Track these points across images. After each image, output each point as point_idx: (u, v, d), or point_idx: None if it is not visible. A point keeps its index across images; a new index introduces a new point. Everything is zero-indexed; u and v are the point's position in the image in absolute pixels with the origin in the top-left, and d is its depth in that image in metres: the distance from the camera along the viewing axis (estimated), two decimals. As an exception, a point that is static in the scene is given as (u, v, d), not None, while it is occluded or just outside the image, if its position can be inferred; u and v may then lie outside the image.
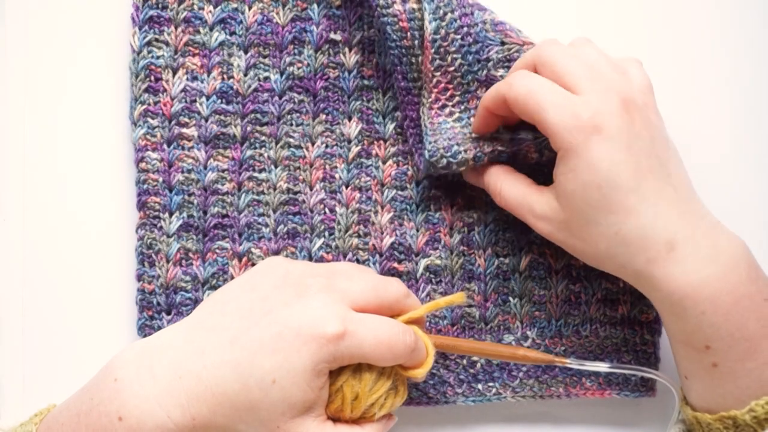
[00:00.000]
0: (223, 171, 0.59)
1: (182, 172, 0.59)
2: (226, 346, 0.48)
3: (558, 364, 0.56)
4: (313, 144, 0.59)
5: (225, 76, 0.59)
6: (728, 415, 0.49)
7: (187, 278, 0.59)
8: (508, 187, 0.54)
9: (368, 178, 0.59)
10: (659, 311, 0.52)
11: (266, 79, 0.59)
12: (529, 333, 0.59)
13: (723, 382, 0.49)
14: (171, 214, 0.59)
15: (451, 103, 0.56)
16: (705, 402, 0.51)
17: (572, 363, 0.56)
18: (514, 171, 0.55)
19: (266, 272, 0.52)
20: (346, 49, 0.59)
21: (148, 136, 0.59)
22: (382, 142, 0.60)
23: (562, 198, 0.50)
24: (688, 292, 0.48)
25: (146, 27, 0.58)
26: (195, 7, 0.59)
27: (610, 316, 0.59)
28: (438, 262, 0.59)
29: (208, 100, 0.59)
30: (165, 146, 0.59)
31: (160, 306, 0.58)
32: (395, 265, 0.59)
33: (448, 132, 0.55)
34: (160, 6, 0.58)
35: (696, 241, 0.49)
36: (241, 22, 0.59)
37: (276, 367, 0.47)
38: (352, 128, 0.59)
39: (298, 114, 0.59)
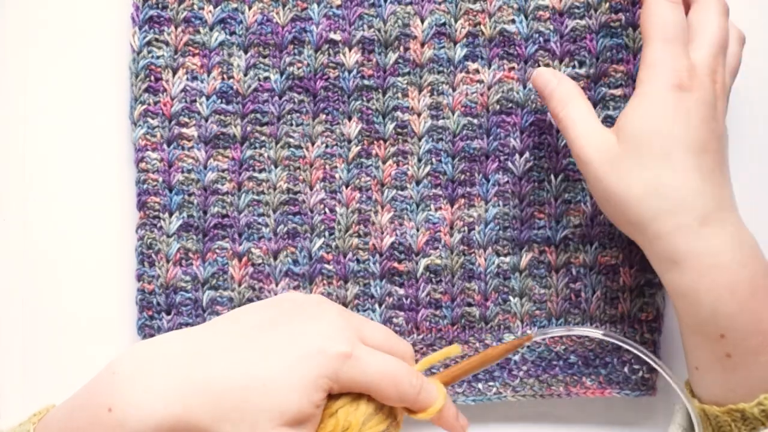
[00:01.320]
0: (223, 171, 0.59)
1: (182, 172, 0.59)
2: (231, 348, 0.48)
3: (526, 342, 0.56)
4: (313, 144, 0.59)
5: (225, 76, 0.59)
6: (737, 407, 0.49)
7: (187, 278, 0.59)
8: (573, 107, 0.54)
9: (368, 178, 0.60)
10: (673, 296, 0.51)
11: (266, 79, 0.59)
12: (529, 332, 0.59)
13: (735, 373, 0.49)
14: (171, 214, 0.59)
15: None
16: (714, 394, 0.51)
17: (537, 335, 0.56)
18: (584, 97, 0.55)
19: (283, 298, 0.52)
20: (346, 49, 0.59)
21: (148, 136, 0.59)
22: (382, 142, 0.60)
23: (624, 131, 0.51)
24: (706, 273, 0.49)
25: (146, 27, 0.58)
26: (195, 7, 0.59)
27: (610, 314, 0.59)
28: (438, 261, 0.59)
29: (208, 100, 0.59)
30: (165, 146, 0.59)
31: (159, 306, 0.58)
32: (395, 264, 0.59)
33: None
34: (160, 6, 0.58)
35: (725, 225, 0.50)
36: (241, 22, 0.59)
37: (277, 371, 0.47)
38: (352, 128, 0.60)
39: (298, 114, 0.59)
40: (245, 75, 0.59)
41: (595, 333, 0.56)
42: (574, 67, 0.59)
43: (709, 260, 0.49)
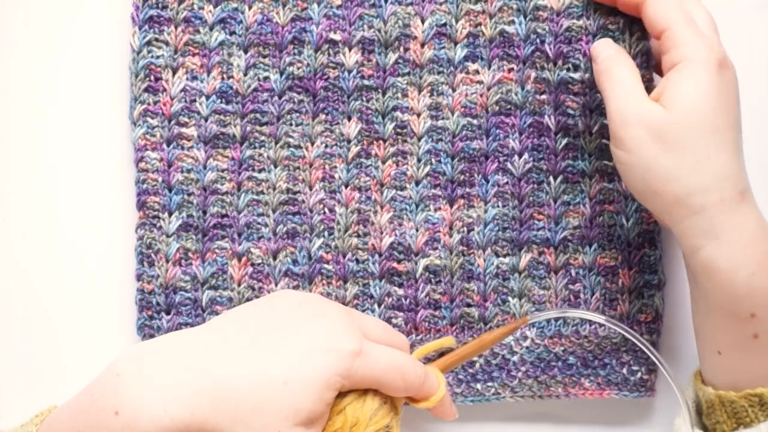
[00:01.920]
0: (223, 171, 0.59)
1: (182, 171, 0.59)
2: (239, 349, 0.48)
3: (521, 325, 0.57)
4: (312, 144, 0.59)
5: (225, 76, 0.59)
6: (754, 392, 0.50)
7: (187, 278, 0.59)
8: (625, 69, 0.53)
9: (368, 178, 0.60)
10: (706, 275, 0.50)
11: (266, 78, 0.59)
12: (528, 333, 0.59)
13: (760, 355, 0.50)
14: (170, 214, 0.59)
15: None
16: (733, 379, 0.51)
17: (533, 318, 0.57)
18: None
19: (283, 297, 0.52)
20: (346, 49, 0.59)
21: (148, 136, 0.59)
22: (381, 142, 0.60)
23: (674, 102, 0.50)
24: (743, 247, 0.49)
25: (146, 27, 0.58)
26: (195, 6, 0.59)
27: (609, 316, 0.59)
28: (437, 262, 0.59)
29: (207, 99, 0.59)
30: (164, 146, 0.59)
31: (159, 306, 0.59)
32: (394, 264, 0.59)
33: None
34: (160, 6, 0.58)
35: (754, 202, 0.51)
36: (241, 21, 0.59)
37: (289, 370, 0.47)
38: (352, 128, 0.59)
39: (297, 114, 0.59)
40: (245, 75, 0.59)
41: (593, 317, 0.56)
42: (568, 70, 0.58)
43: (747, 234, 0.49)
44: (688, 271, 0.53)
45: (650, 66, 0.58)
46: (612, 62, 0.54)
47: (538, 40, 0.59)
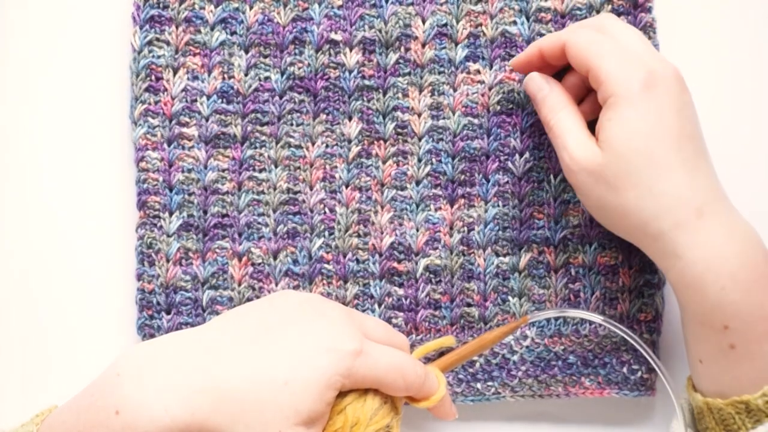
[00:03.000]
0: (224, 171, 0.59)
1: (182, 171, 0.59)
2: (242, 345, 0.48)
3: (522, 324, 0.57)
4: (313, 144, 0.60)
5: (226, 76, 0.59)
6: (741, 399, 0.50)
7: (187, 278, 0.59)
8: (564, 116, 0.54)
9: (368, 178, 0.60)
10: (676, 290, 0.52)
11: (267, 78, 0.59)
12: (528, 332, 0.60)
13: (739, 364, 0.50)
14: (171, 214, 0.59)
15: None
16: (718, 386, 0.51)
17: (533, 317, 0.57)
18: (574, 105, 0.56)
19: (283, 297, 0.52)
20: (347, 49, 0.59)
21: (149, 136, 0.59)
22: (382, 142, 0.60)
23: (606, 143, 0.51)
24: (710, 264, 0.49)
25: (147, 26, 0.58)
26: (196, 6, 0.59)
27: (610, 315, 0.59)
28: (438, 261, 0.59)
29: (208, 99, 0.59)
30: (165, 146, 0.59)
31: (159, 305, 0.58)
32: (395, 264, 0.59)
33: None
34: (161, 5, 0.58)
35: (721, 214, 0.50)
36: (242, 21, 0.59)
37: (290, 370, 0.47)
38: (352, 128, 0.60)
39: (298, 114, 0.59)
40: (246, 75, 0.59)
41: (593, 317, 0.56)
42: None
43: (711, 251, 0.50)
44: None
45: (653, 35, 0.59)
46: (553, 104, 0.55)
47: None
